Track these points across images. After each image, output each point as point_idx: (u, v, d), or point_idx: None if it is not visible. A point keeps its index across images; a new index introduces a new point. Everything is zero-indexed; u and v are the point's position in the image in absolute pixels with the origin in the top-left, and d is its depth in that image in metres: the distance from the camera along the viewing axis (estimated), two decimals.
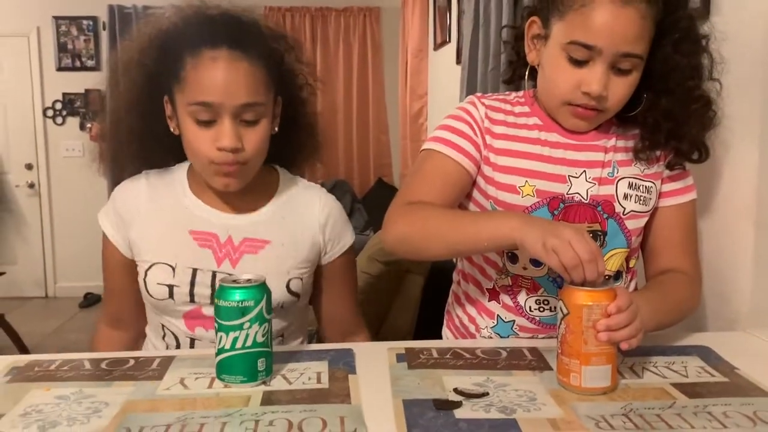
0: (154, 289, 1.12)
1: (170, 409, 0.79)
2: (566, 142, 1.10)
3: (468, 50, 2.75)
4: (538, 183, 1.08)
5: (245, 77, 1.04)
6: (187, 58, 1.04)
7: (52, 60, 5.16)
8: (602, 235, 1.08)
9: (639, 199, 1.08)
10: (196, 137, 1.06)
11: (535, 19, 1.08)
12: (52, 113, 5.21)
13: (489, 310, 1.15)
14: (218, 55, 1.03)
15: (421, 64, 4.34)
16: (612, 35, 0.97)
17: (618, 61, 0.99)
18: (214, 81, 1.03)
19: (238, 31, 1.07)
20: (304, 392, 0.84)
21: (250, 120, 1.06)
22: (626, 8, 0.96)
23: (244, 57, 1.04)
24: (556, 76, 1.04)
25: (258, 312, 0.86)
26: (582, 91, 1.01)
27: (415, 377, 0.89)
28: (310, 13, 5.21)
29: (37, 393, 0.84)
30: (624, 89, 1.02)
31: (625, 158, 1.10)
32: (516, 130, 1.12)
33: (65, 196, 5.21)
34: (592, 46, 0.98)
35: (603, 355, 0.84)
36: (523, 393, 0.84)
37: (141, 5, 5.05)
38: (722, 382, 0.89)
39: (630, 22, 0.96)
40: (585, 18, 0.97)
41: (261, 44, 1.09)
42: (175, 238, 1.13)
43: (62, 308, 5.00)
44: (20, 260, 5.30)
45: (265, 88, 1.08)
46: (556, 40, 1.02)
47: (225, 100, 1.03)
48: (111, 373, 0.91)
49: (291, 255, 1.15)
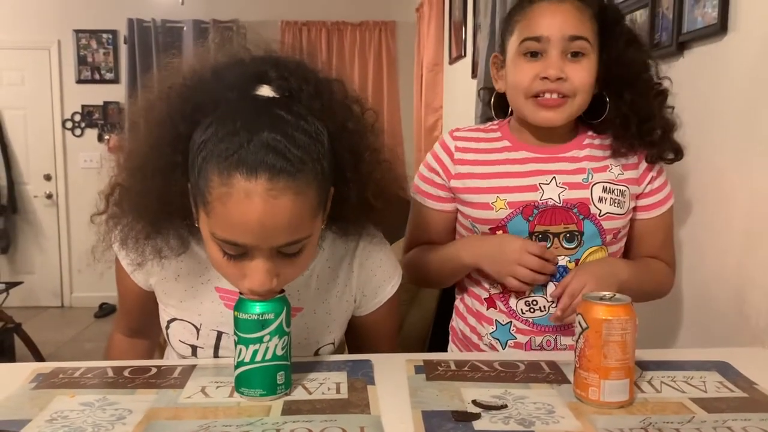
0: (177, 344, 1.06)
1: (192, 417, 0.81)
2: (535, 156, 1.19)
3: (483, 65, 2.76)
4: (508, 197, 1.16)
5: (288, 214, 0.80)
6: (213, 176, 0.80)
7: (72, 72, 5.24)
8: (579, 234, 1.15)
9: (614, 202, 1.16)
10: (220, 264, 0.86)
11: (495, 54, 1.22)
12: (71, 125, 5.29)
13: (487, 317, 1.22)
14: (255, 190, 0.78)
15: (436, 78, 4.36)
16: (554, 23, 1.10)
17: (568, 47, 1.10)
18: (247, 223, 0.79)
19: (287, 145, 0.80)
20: (324, 402, 0.85)
21: (289, 253, 0.85)
22: (562, 4, 1.11)
23: (290, 186, 0.79)
24: (517, 74, 1.14)
25: (278, 325, 0.86)
26: (540, 77, 1.10)
27: (433, 389, 0.90)
28: (326, 27, 5.26)
29: (63, 399, 0.86)
30: (583, 72, 1.11)
31: (599, 165, 1.18)
32: (485, 154, 1.22)
33: (82, 206, 5.22)
34: (540, 36, 1.10)
35: (622, 369, 0.84)
36: (542, 406, 0.85)
37: (160, 19, 5.13)
38: (741, 397, 0.89)
39: (568, 11, 1.10)
40: (530, 19, 1.12)
41: (317, 157, 0.83)
42: (200, 293, 1.04)
43: (78, 318, 5.05)
44: (37, 270, 5.36)
45: (313, 214, 0.84)
46: (512, 50, 1.15)
47: (260, 243, 0.81)
48: (134, 381, 0.92)
49: (323, 322, 1.07)
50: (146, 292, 1.08)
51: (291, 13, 5.14)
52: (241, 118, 0.81)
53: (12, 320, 3.84)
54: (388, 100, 5.32)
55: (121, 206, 0.94)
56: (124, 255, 1.02)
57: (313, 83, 0.89)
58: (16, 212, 5.28)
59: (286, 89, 0.88)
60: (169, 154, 0.86)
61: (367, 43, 5.31)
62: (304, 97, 0.88)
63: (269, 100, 0.86)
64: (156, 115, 0.90)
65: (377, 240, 1.09)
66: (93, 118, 5.28)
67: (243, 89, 0.87)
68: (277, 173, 0.78)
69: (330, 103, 0.90)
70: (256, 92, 0.88)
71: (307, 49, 1.00)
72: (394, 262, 1.12)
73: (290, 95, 0.88)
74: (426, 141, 4.50)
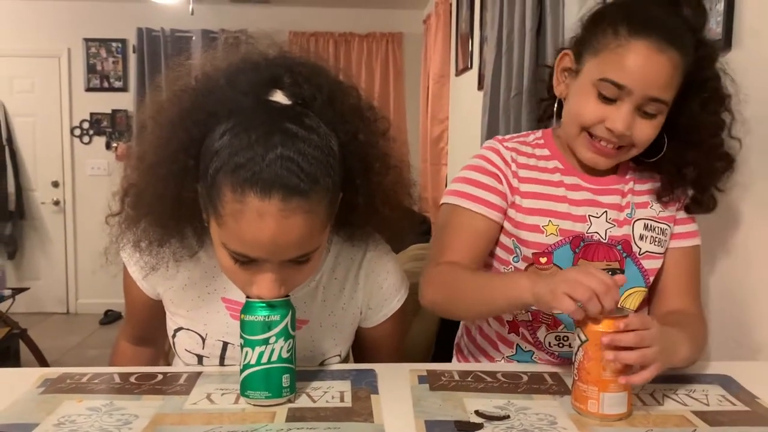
0: (183, 353, 1.07)
1: (197, 423, 0.81)
2: (587, 186, 1.13)
3: (490, 77, 2.78)
4: (561, 223, 1.10)
5: (300, 232, 0.81)
6: (225, 190, 0.80)
7: (81, 80, 5.29)
8: (621, 273, 1.10)
9: (654, 240, 1.11)
10: (229, 269, 0.87)
11: (567, 52, 1.11)
12: (80, 132, 5.33)
13: (508, 340, 1.17)
14: (268, 210, 0.78)
15: (442, 90, 4.38)
16: (644, 78, 0.99)
17: (644, 104, 1.01)
18: (260, 240, 0.80)
19: (300, 164, 0.79)
20: (328, 410, 0.86)
21: (298, 261, 0.86)
22: (661, 55, 0.98)
23: (302, 205, 0.79)
24: (582, 106, 1.05)
25: (283, 327, 0.86)
26: (606, 126, 1.03)
27: (436, 398, 0.90)
28: (333, 38, 5.30)
29: (70, 404, 0.87)
30: (649, 131, 1.04)
31: (641, 200, 1.13)
32: (539, 173, 1.14)
33: (89, 213, 5.29)
34: (623, 86, 1.00)
35: None
36: (544, 417, 0.85)
37: (169, 28, 5.18)
38: (743, 411, 0.89)
39: (662, 68, 0.99)
40: (620, 58, 1.00)
41: (328, 172, 0.83)
42: (207, 304, 1.04)
43: (83, 324, 5.07)
44: (43, 276, 5.39)
45: (323, 227, 0.85)
46: (588, 76, 1.04)
47: (270, 257, 0.83)
48: (140, 387, 0.93)
49: (329, 335, 1.07)
50: (153, 301, 1.09)
51: (299, 24, 5.17)
52: (255, 131, 0.81)
53: (18, 326, 3.85)
54: (394, 110, 5.34)
55: (135, 208, 0.94)
56: (134, 261, 1.03)
57: (327, 91, 0.89)
58: (24, 218, 5.32)
59: (300, 97, 0.88)
60: (182, 159, 0.86)
61: (374, 54, 5.35)
62: (317, 106, 0.87)
63: (282, 111, 0.86)
64: (167, 118, 0.89)
65: (384, 252, 1.08)
66: (101, 125, 5.33)
67: (257, 95, 0.87)
68: (290, 193, 0.78)
69: (342, 111, 0.89)
70: (269, 97, 0.88)
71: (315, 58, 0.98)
72: (401, 275, 1.11)
73: (303, 102, 0.88)
74: (432, 152, 4.52)
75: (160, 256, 0.96)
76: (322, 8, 5.22)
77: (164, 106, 0.91)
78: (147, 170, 0.91)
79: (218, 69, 0.90)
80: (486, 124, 2.78)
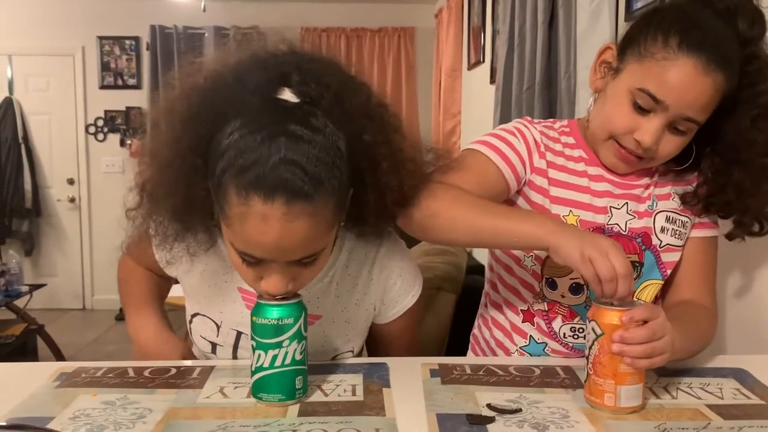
0: (198, 340, 1.09)
1: (210, 417, 0.82)
2: (610, 178, 1.11)
3: (502, 70, 2.77)
4: (582, 213, 1.09)
5: (304, 234, 0.81)
6: (231, 192, 0.80)
7: (95, 78, 5.34)
8: (639, 266, 1.09)
9: (675, 233, 1.10)
10: (239, 266, 0.89)
11: (611, 46, 1.07)
12: (94, 130, 5.38)
13: (522, 330, 1.16)
14: (272, 214, 0.78)
15: (454, 84, 4.37)
16: (684, 97, 0.96)
17: (677, 122, 0.99)
18: (264, 243, 0.81)
19: (304, 166, 0.79)
20: (340, 404, 0.86)
21: (305, 262, 0.87)
22: (706, 77, 0.95)
23: (306, 209, 0.79)
24: (614, 113, 1.03)
25: (297, 329, 0.85)
26: (634, 137, 1.01)
27: (448, 392, 0.90)
28: (345, 33, 5.31)
29: (85, 398, 0.88)
30: (674, 147, 1.02)
31: (663, 192, 1.11)
32: (565, 161, 1.12)
33: (104, 210, 5.34)
34: (661, 101, 0.97)
35: (636, 375, 0.84)
36: (556, 410, 0.85)
37: (181, 25, 5.20)
38: (758, 404, 0.88)
39: (704, 90, 0.96)
40: (664, 71, 0.96)
41: (334, 173, 0.83)
42: (223, 292, 1.05)
43: (99, 320, 5.12)
44: (60, 273, 5.45)
45: (329, 227, 0.86)
46: (627, 81, 1.01)
47: (276, 258, 0.84)
48: (154, 381, 0.94)
49: (342, 331, 1.07)
50: (161, 272, 1.11)
51: (311, 20, 5.19)
52: (260, 132, 0.80)
53: (35, 322, 3.91)
54: (406, 105, 5.34)
55: (151, 202, 0.95)
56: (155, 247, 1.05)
57: (335, 88, 0.87)
58: (40, 215, 5.38)
59: (307, 95, 0.87)
60: (191, 158, 0.86)
61: (386, 49, 5.35)
62: (324, 105, 0.86)
63: (289, 111, 0.85)
64: (178, 117, 0.89)
65: (399, 249, 1.08)
66: (115, 123, 5.37)
67: (264, 94, 0.86)
68: (293, 197, 0.78)
69: (350, 109, 0.88)
70: (277, 95, 0.86)
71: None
72: (414, 272, 1.11)
73: (311, 101, 0.87)
74: (444, 146, 4.51)
75: (175, 251, 0.97)
76: (334, 4, 5.22)
77: (175, 104, 0.91)
78: (159, 167, 0.91)
79: (227, 67, 0.90)
80: (498, 117, 2.77)
